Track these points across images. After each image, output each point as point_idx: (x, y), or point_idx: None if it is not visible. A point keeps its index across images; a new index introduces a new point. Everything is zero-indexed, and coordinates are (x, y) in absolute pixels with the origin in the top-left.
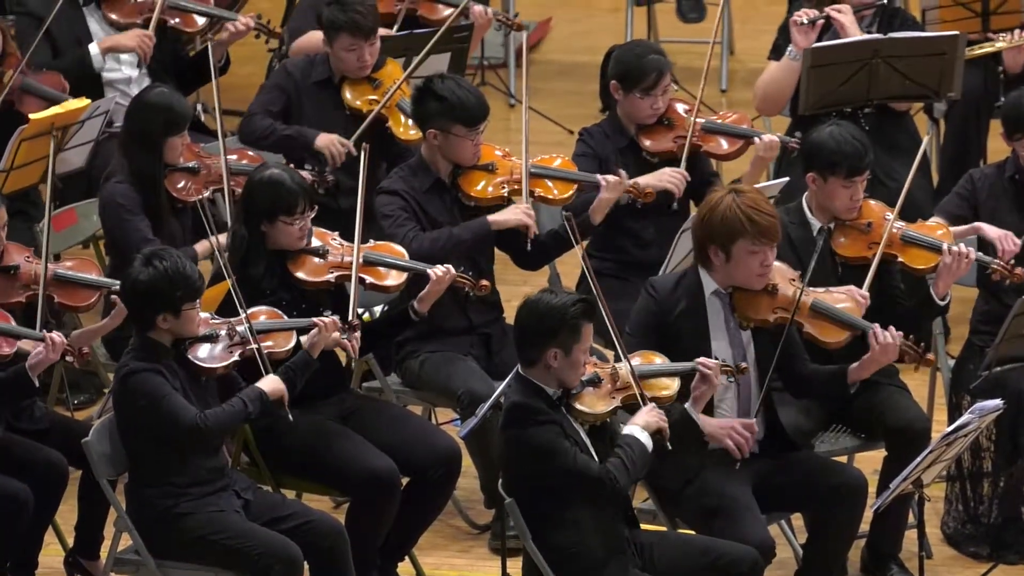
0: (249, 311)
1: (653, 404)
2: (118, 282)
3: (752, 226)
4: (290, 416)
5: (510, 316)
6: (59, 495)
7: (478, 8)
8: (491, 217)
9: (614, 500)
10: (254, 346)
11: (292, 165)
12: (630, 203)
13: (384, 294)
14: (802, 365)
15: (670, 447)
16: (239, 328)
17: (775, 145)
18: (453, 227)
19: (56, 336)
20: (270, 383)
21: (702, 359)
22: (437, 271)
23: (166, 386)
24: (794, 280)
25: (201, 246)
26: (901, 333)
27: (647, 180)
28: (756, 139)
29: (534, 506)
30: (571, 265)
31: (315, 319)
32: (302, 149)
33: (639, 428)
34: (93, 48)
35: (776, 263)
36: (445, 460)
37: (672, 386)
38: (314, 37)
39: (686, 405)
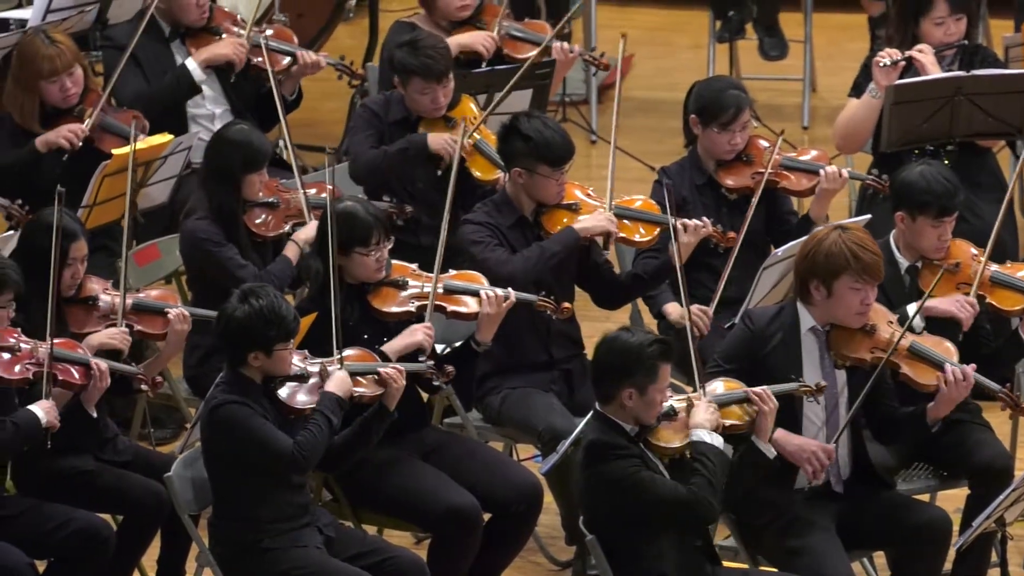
0: (344, 353)
1: (708, 400)
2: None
3: (856, 262)
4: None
5: (591, 352)
6: (157, 523)
7: (563, 46)
8: (577, 225)
9: (708, 519)
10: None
11: (367, 198)
12: (713, 247)
13: (466, 322)
14: (888, 409)
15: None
16: (331, 369)
17: (838, 177)
18: (542, 243)
19: (102, 364)
20: (334, 383)
21: (754, 388)
22: (489, 293)
23: (258, 417)
24: (892, 322)
25: (291, 250)
26: (973, 365)
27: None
28: (820, 171)
29: (616, 543)
30: None
31: (384, 370)
32: (418, 158)
33: (706, 432)
34: (191, 63)
35: (875, 304)
36: (526, 496)
37: (745, 414)
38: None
39: (752, 436)
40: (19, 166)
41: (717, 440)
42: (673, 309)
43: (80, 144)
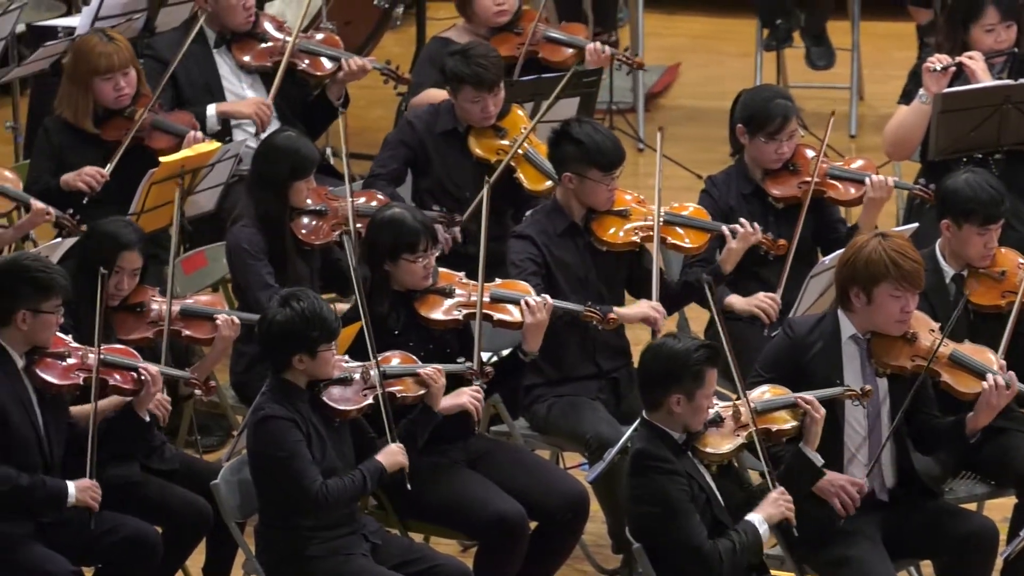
0: (382, 355)
1: (782, 490)
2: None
3: (896, 270)
4: (408, 485)
5: (638, 361)
6: (199, 538)
7: (592, 46)
8: (617, 310)
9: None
10: (380, 391)
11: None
12: (764, 254)
13: (512, 330)
14: (928, 418)
15: (796, 534)
16: (372, 372)
17: (883, 186)
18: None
19: (152, 368)
20: (389, 457)
21: (801, 393)
22: (529, 301)
23: (299, 443)
24: (933, 330)
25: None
26: (1011, 374)
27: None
28: (866, 180)
29: (662, 551)
30: (699, 311)
31: (423, 371)
32: None
33: (761, 519)
34: (210, 110)
35: (916, 312)
36: (573, 504)
37: (793, 419)
38: (431, 95)
39: (800, 444)
40: (46, 194)
41: (765, 533)
42: (736, 300)
43: (99, 188)
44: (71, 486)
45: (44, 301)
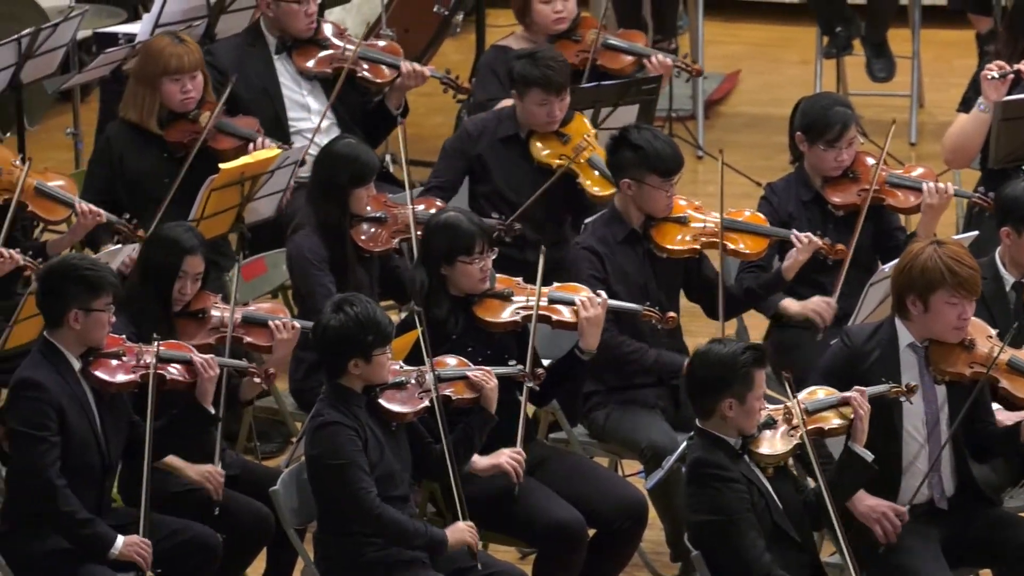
0: (436, 359)
1: None
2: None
3: (952, 277)
4: (478, 565)
5: (686, 371)
6: (260, 546)
7: (655, 58)
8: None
9: None
10: (435, 394)
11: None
12: (823, 259)
13: (573, 333)
14: (983, 426)
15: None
16: (428, 375)
17: (942, 193)
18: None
19: (208, 357)
20: (457, 534)
21: (853, 389)
22: (582, 298)
23: (357, 452)
24: (991, 336)
25: None
26: None
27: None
28: (924, 187)
29: (720, 559)
30: (758, 317)
31: (473, 374)
32: None
33: None
34: None
35: (973, 319)
36: (631, 512)
37: (842, 418)
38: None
39: (849, 442)
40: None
41: None
42: (791, 304)
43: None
44: (119, 539)
45: (95, 299)
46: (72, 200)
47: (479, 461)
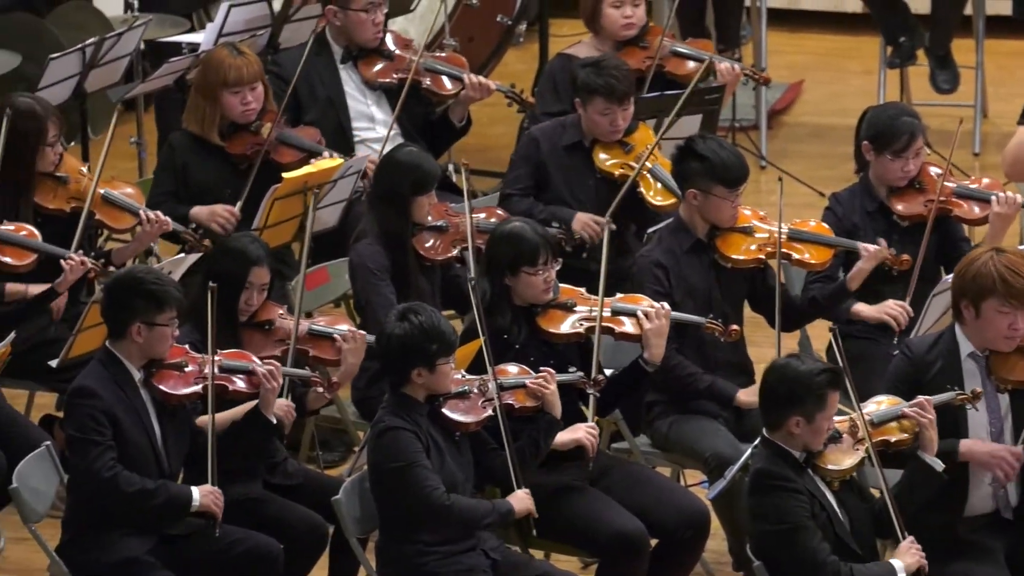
0: (498, 367)
1: (912, 539)
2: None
3: (1003, 286)
4: (534, 531)
5: (760, 378)
6: (316, 557)
7: (724, 65)
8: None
9: None
10: (497, 403)
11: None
12: (887, 270)
13: (636, 344)
14: None
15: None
16: (490, 384)
17: (1013, 203)
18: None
19: (271, 366)
20: (521, 502)
21: (915, 400)
22: (645, 309)
23: (419, 453)
24: None
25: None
26: None
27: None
28: (992, 198)
29: (784, 569)
30: (821, 328)
31: (531, 382)
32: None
33: (903, 567)
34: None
35: None
36: (694, 522)
37: (909, 428)
38: None
39: (918, 451)
40: (176, 220)
41: None
42: (864, 308)
43: (232, 229)
44: (195, 491)
45: (158, 314)
46: (138, 208)
47: (558, 436)
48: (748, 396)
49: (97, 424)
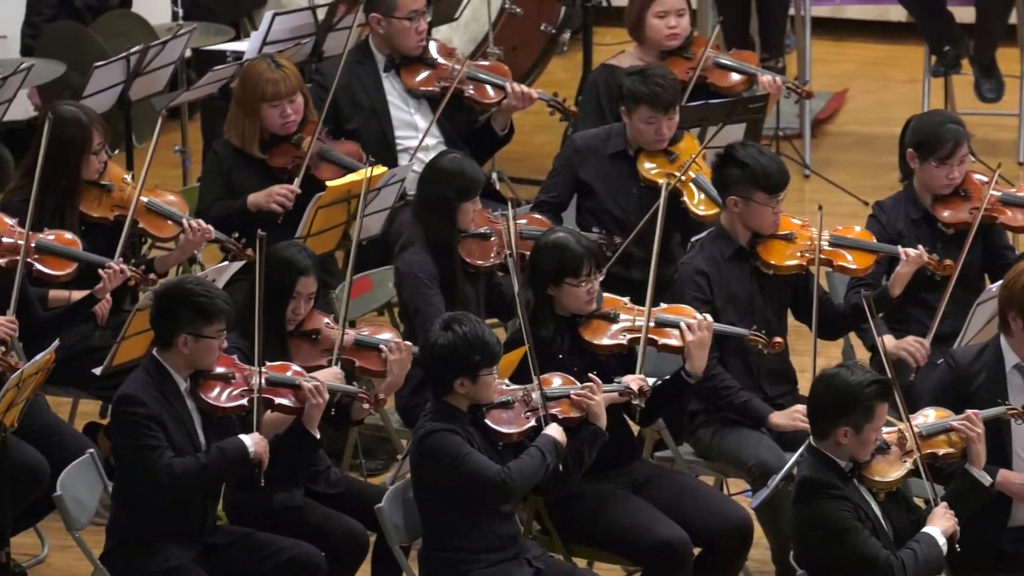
0: (543, 377)
1: (945, 505)
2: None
3: None
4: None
5: (803, 387)
6: (357, 565)
7: (767, 78)
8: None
9: None
10: (542, 413)
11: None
12: (930, 275)
13: (679, 355)
14: None
15: (958, 548)
16: (534, 394)
17: None
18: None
19: (317, 381)
20: (555, 432)
21: (964, 414)
22: (688, 320)
23: (466, 444)
24: None
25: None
26: None
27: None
28: None
29: (840, 572)
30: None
31: (575, 393)
32: None
33: (940, 532)
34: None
35: None
36: (737, 530)
37: (957, 442)
38: None
39: (966, 465)
40: (227, 219)
41: (943, 545)
42: (888, 340)
43: (292, 206)
44: (247, 441)
45: (206, 326)
46: (181, 217)
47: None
48: (782, 419)
49: (149, 429)
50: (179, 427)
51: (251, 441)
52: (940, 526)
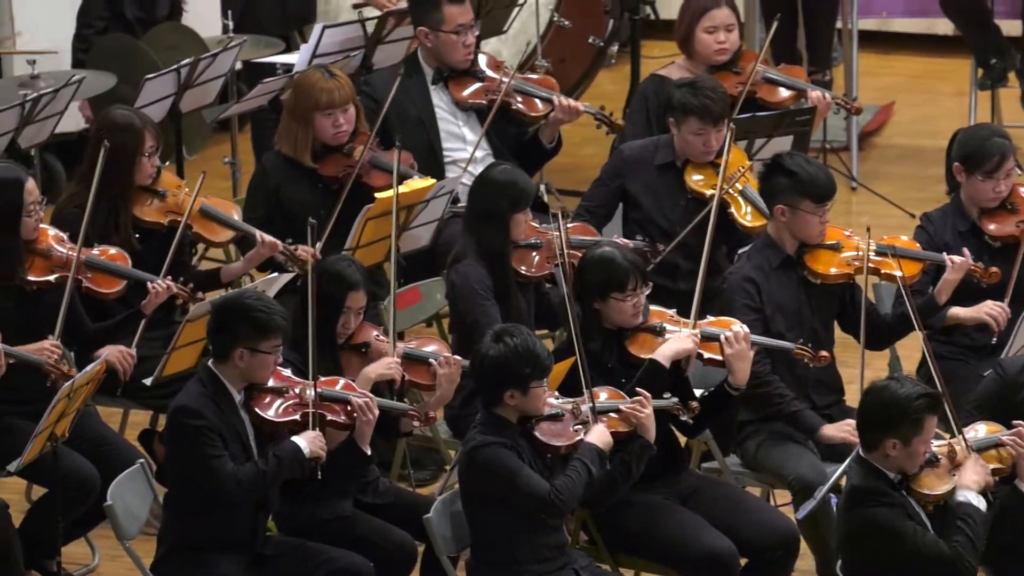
0: (592, 390)
1: (976, 455)
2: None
3: None
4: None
5: (850, 398)
6: (406, 575)
7: (816, 93)
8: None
9: None
10: (593, 425)
11: (620, 237)
12: (976, 282)
13: (722, 368)
14: None
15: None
16: (583, 407)
17: None
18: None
19: (368, 396)
20: (598, 435)
21: (1014, 429)
22: (726, 333)
23: (518, 460)
24: None
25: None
26: None
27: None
28: None
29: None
30: (911, 348)
31: (624, 407)
32: None
33: (973, 493)
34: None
35: None
36: (784, 541)
37: (1007, 457)
38: None
39: (1015, 481)
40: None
41: (981, 503)
42: (962, 310)
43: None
44: (301, 441)
45: (262, 341)
46: (235, 222)
47: (663, 349)
48: (833, 432)
49: (210, 439)
50: (234, 438)
51: (304, 441)
52: (971, 483)
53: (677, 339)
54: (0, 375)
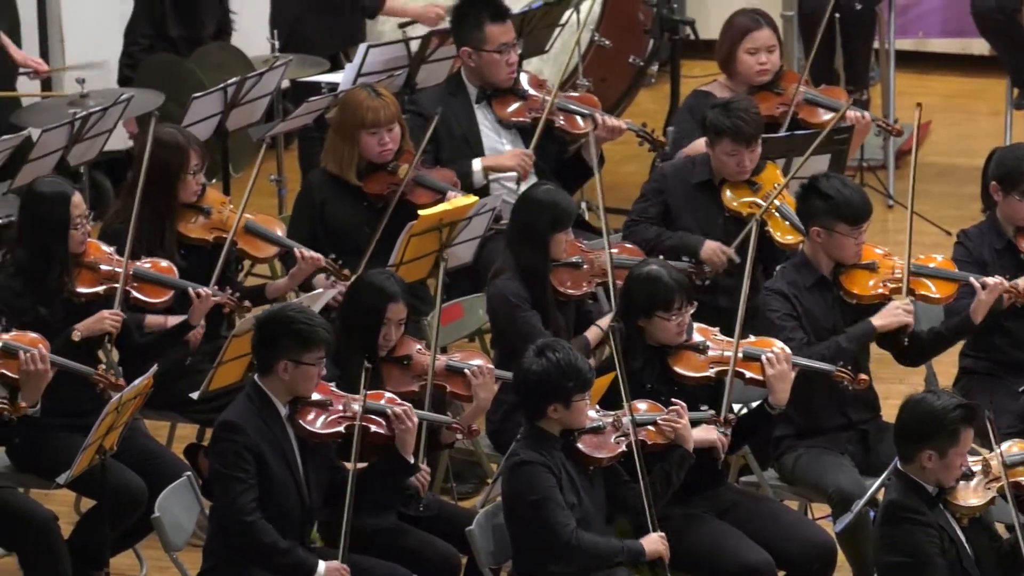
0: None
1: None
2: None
3: None
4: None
5: (886, 413)
6: None
7: (855, 113)
8: (875, 321)
9: None
10: (633, 438)
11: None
12: (1010, 303)
13: (763, 389)
14: None
15: None
16: (624, 420)
17: None
18: (840, 337)
19: (409, 408)
20: (653, 544)
21: None
22: (768, 354)
23: (552, 488)
24: None
25: (592, 333)
26: None
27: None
28: None
29: None
30: (947, 364)
31: (661, 419)
32: (686, 254)
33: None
34: (476, 164)
35: None
36: (821, 555)
37: None
38: (700, 144)
39: None
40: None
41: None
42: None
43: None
44: (321, 565)
45: (306, 353)
46: (281, 239)
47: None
48: (883, 319)
49: (241, 460)
50: (278, 454)
51: (324, 568)
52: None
53: (705, 430)
54: (46, 383)
